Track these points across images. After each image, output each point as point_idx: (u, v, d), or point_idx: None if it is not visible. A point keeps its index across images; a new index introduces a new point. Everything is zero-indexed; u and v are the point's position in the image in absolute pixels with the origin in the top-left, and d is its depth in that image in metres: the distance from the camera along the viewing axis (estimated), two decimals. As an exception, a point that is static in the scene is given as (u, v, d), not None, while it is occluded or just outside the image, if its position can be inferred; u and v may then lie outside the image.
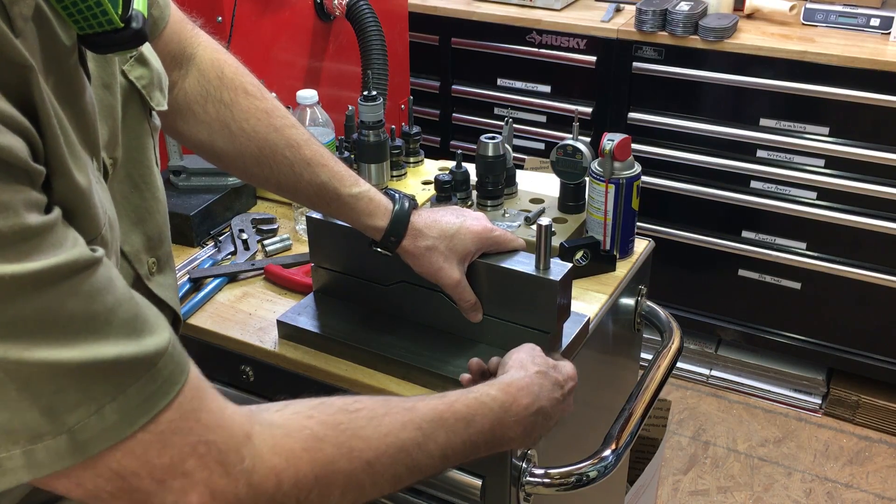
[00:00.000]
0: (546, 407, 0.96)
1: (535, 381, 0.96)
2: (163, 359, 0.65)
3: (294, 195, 1.14)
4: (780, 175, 2.48)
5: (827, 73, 2.32)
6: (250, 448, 0.68)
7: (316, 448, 0.72)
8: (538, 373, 0.97)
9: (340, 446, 0.74)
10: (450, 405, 0.86)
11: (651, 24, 2.47)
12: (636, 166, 1.39)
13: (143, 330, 0.65)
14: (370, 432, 0.77)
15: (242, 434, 0.69)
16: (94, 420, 0.61)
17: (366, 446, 0.76)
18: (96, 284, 0.62)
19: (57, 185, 0.62)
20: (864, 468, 2.50)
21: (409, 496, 1.21)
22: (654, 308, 1.48)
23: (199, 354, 1.28)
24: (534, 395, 0.94)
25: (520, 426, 0.93)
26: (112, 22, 0.66)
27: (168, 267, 0.97)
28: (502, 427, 0.91)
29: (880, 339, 2.55)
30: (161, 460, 0.64)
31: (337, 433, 0.74)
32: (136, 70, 0.89)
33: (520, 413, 0.92)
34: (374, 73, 1.99)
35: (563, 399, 1.00)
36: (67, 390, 0.60)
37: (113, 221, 0.73)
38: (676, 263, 2.73)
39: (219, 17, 1.80)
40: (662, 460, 2.47)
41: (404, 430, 0.80)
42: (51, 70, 0.65)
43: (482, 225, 1.11)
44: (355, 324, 1.22)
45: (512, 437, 0.92)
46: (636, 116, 2.62)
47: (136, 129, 0.90)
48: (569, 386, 1.02)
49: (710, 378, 2.83)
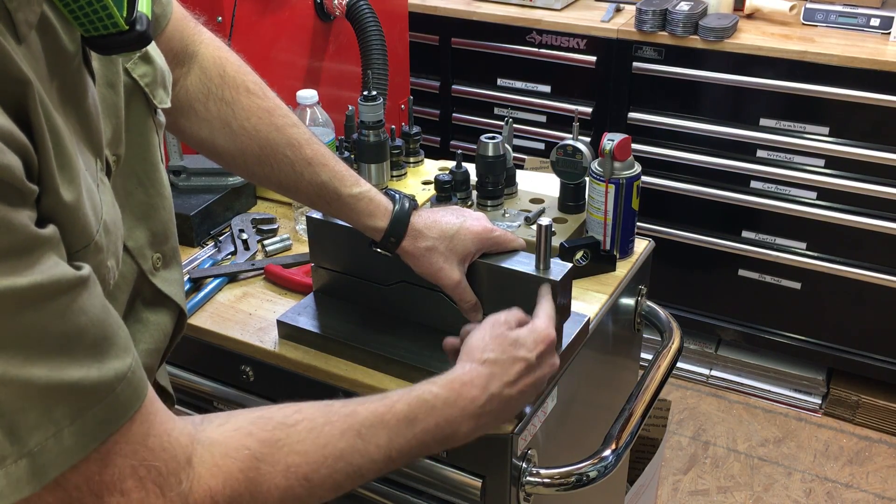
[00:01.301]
0: (499, 393, 0.94)
1: (481, 373, 0.94)
2: (122, 384, 0.66)
3: (294, 194, 1.14)
4: (780, 175, 2.48)
5: (827, 73, 2.32)
6: (189, 471, 0.71)
7: (252, 468, 0.74)
8: (486, 362, 0.95)
9: (277, 464, 0.76)
10: (390, 407, 0.86)
11: (651, 24, 2.47)
12: (636, 166, 1.39)
13: (109, 353, 0.65)
14: (308, 446, 0.78)
15: (184, 458, 0.71)
16: (52, 443, 0.61)
17: (303, 461, 0.78)
18: (74, 305, 0.62)
19: (44, 201, 0.62)
20: (864, 468, 2.50)
21: (409, 496, 1.21)
22: (654, 308, 1.48)
23: (199, 354, 1.30)
24: (480, 387, 0.93)
25: (470, 420, 0.91)
26: (117, 24, 0.66)
27: (174, 262, 0.97)
28: (449, 423, 0.90)
29: (880, 339, 2.55)
30: (102, 478, 0.65)
31: (274, 450, 0.76)
32: (140, 68, 0.89)
33: (467, 408, 0.91)
34: (374, 73, 1.99)
35: (528, 371, 0.97)
36: (30, 410, 0.60)
37: (111, 223, 0.73)
38: (676, 263, 2.73)
39: (219, 17, 1.80)
40: (662, 460, 2.47)
41: (343, 439, 0.81)
42: (55, 74, 0.66)
43: (482, 225, 1.11)
44: (355, 324, 1.22)
45: (465, 432, 0.91)
46: (636, 116, 2.62)
47: (141, 126, 0.90)
48: (537, 351, 0.99)
49: (710, 378, 2.83)
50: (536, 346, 0.99)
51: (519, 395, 0.97)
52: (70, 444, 0.62)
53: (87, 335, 0.63)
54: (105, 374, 0.64)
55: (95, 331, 0.64)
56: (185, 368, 1.33)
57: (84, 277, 0.64)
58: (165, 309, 0.96)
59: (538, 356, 0.99)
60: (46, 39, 0.65)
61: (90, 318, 0.64)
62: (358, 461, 0.82)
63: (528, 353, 0.98)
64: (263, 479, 0.75)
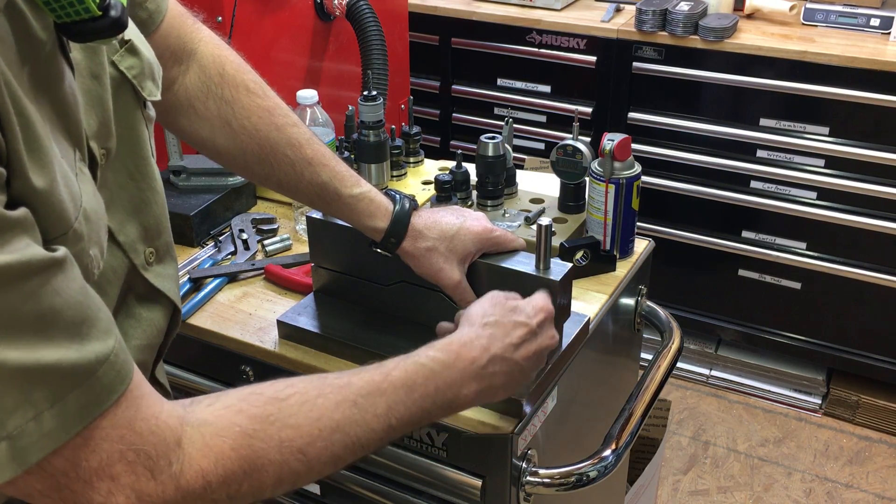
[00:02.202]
0: (502, 354, 0.92)
1: (481, 334, 0.93)
2: (103, 367, 0.65)
3: (295, 194, 1.14)
4: (780, 175, 2.48)
5: (827, 73, 2.32)
6: (179, 453, 0.70)
7: (245, 445, 0.73)
8: (486, 324, 0.94)
9: (269, 439, 0.74)
10: (386, 374, 0.84)
11: (651, 24, 2.47)
12: (636, 166, 1.39)
13: (89, 335, 0.64)
14: (301, 419, 0.76)
15: (173, 440, 0.70)
16: (33, 426, 0.61)
17: (296, 434, 0.76)
18: (48, 286, 0.62)
19: (14, 185, 0.62)
20: (864, 468, 2.50)
21: (409, 496, 1.21)
22: (654, 308, 1.48)
23: (199, 354, 1.30)
24: (481, 348, 0.91)
25: (472, 382, 0.90)
26: (89, 10, 0.65)
27: (168, 257, 0.97)
28: (450, 386, 0.88)
29: (880, 339, 2.55)
30: (90, 463, 0.65)
31: (266, 426, 0.74)
32: (127, 60, 0.88)
33: (467, 369, 0.89)
34: (374, 73, 1.99)
35: (530, 336, 0.96)
36: (6, 393, 0.60)
37: (91, 212, 0.72)
38: (676, 263, 2.73)
39: (219, 17, 1.80)
40: (662, 460, 2.47)
41: (338, 410, 0.79)
42: (25, 61, 0.65)
43: (482, 225, 1.11)
44: (355, 324, 1.22)
45: (467, 395, 0.90)
46: (636, 116, 2.62)
47: (130, 119, 0.89)
48: (537, 319, 0.98)
49: (710, 378, 2.83)
50: (537, 314, 0.98)
51: (523, 362, 0.95)
52: (51, 428, 0.62)
53: (63, 317, 0.63)
54: (85, 355, 0.64)
55: (72, 313, 0.63)
56: (185, 368, 1.33)
57: (58, 259, 0.63)
58: (158, 305, 0.95)
59: (538, 323, 0.98)
60: (15, 26, 0.64)
61: (66, 299, 0.63)
62: (356, 431, 0.80)
63: (528, 318, 0.97)
64: (257, 456, 0.73)
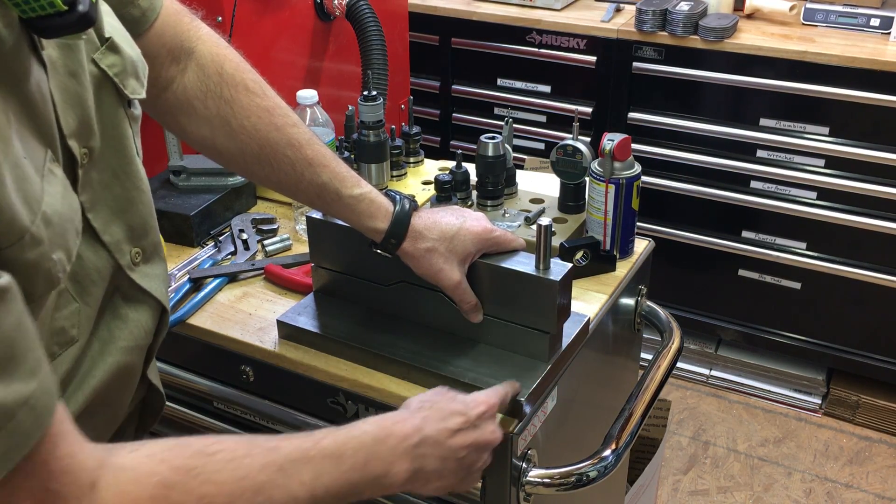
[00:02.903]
0: (435, 437, 0.91)
1: (415, 415, 0.92)
2: (23, 410, 0.62)
3: (295, 194, 1.14)
4: (780, 175, 2.48)
5: (827, 73, 2.32)
6: (92, 497, 0.68)
7: (162, 496, 0.70)
8: (422, 408, 0.94)
9: (190, 493, 0.72)
10: (316, 443, 0.83)
11: (651, 24, 2.47)
12: (636, 166, 1.39)
13: (14, 375, 0.61)
14: (225, 476, 0.75)
15: (87, 482, 0.68)
16: None
17: (218, 491, 0.74)
18: None
19: None
20: (864, 468, 2.50)
21: (409, 496, 1.21)
22: (654, 308, 1.48)
23: (198, 354, 1.30)
24: (413, 427, 0.90)
25: (404, 460, 0.88)
26: (54, 5, 0.64)
27: (156, 257, 0.95)
28: (381, 462, 0.87)
29: (880, 339, 2.56)
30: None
31: (188, 479, 0.73)
32: (108, 58, 0.86)
33: (398, 446, 0.88)
34: (374, 73, 1.99)
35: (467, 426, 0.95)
36: None
37: (54, 214, 0.70)
38: (676, 263, 2.73)
39: (219, 17, 1.80)
40: (662, 460, 2.47)
41: (263, 472, 0.77)
42: None
43: (482, 226, 1.11)
44: (355, 324, 1.22)
45: (398, 473, 0.88)
46: (636, 116, 2.62)
47: (113, 118, 0.87)
48: (476, 411, 0.97)
49: (710, 378, 2.83)
50: (476, 406, 0.98)
51: (459, 451, 0.94)
52: None
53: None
54: (7, 396, 0.61)
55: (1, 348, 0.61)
56: (184, 368, 1.33)
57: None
58: (146, 305, 0.93)
59: (477, 416, 0.97)
60: None
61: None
62: (279, 496, 0.78)
63: (465, 408, 0.96)
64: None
